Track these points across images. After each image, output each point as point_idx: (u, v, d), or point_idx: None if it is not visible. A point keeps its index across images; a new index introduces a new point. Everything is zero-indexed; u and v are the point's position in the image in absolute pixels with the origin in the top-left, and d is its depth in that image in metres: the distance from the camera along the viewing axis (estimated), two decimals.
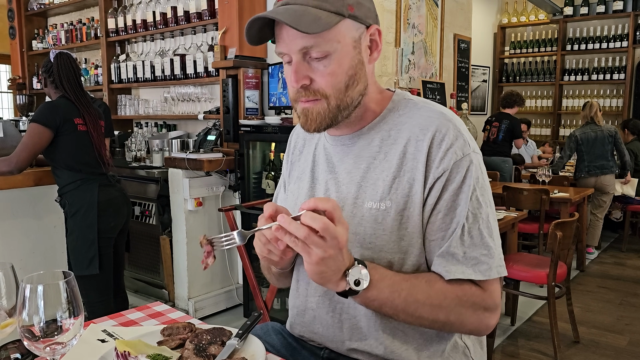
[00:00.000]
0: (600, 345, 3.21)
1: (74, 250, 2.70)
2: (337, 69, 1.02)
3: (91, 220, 2.64)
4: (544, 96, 7.65)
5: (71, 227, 2.71)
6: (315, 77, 1.03)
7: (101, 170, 2.74)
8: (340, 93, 1.04)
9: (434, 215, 1.04)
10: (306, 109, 1.06)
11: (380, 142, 1.10)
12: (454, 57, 5.09)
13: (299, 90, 1.04)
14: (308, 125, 1.07)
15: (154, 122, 4.61)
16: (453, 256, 1.03)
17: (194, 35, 4.19)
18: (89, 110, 2.70)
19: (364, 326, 1.10)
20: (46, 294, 0.82)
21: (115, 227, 2.77)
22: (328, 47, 1.01)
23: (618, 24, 6.97)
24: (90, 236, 2.65)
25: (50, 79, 2.71)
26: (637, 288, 4.27)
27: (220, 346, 1.01)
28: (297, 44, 1.01)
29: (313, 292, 1.16)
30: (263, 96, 3.69)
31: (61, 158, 2.63)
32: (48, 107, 2.60)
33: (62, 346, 0.84)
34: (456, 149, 1.04)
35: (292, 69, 1.03)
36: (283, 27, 1.01)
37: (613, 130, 5.10)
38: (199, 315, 3.46)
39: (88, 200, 2.65)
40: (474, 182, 1.04)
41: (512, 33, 7.94)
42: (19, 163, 2.55)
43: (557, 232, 2.89)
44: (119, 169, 3.92)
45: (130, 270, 3.97)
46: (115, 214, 2.75)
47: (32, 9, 5.71)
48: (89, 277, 2.63)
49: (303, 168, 1.25)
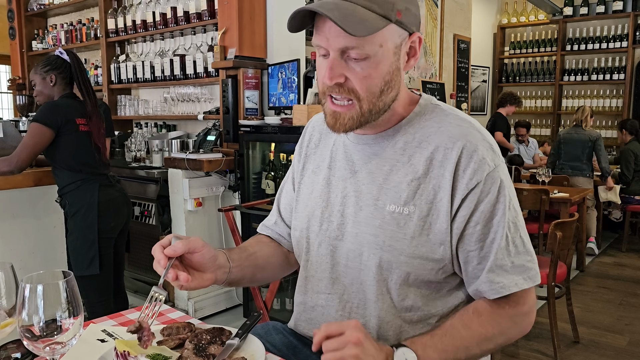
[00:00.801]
0: (600, 346, 3.21)
1: (74, 250, 2.70)
2: (374, 72, 1.00)
3: (91, 221, 2.64)
4: (543, 96, 7.66)
5: (71, 227, 2.71)
6: (351, 77, 1.01)
7: (101, 170, 2.74)
8: (374, 97, 1.02)
9: (471, 227, 1.04)
10: (337, 113, 1.04)
11: (404, 144, 1.09)
12: (454, 57, 5.10)
13: (330, 87, 1.02)
14: (337, 128, 1.05)
15: (153, 122, 4.61)
16: (502, 268, 1.05)
17: (194, 35, 4.20)
18: (96, 110, 2.70)
19: (372, 327, 1.10)
20: (46, 294, 0.82)
21: (115, 227, 2.76)
22: (369, 50, 0.98)
23: (618, 24, 6.97)
24: (90, 236, 2.64)
25: (62, 75, 2.69)
26: (637, 288, 4.27)
27: (219, 346, 1.01)
28: (338, 42, 0.98)
29: (323, 289, 1.16)
30: (263, 96, 3.69)
31: (62, 158, 2.63)
32: (50, 107, 2.60)
33: (62, 346, 0.84)
34: (489, 161, 1.04)
35: (328, 65, 1.00)
36: (327, 21, 0.98)
37: (595, 136, 5.18)
38: (198, 316, 3.46)
39: (88, 200, 2.65)
40: (508, 192, 1.06)
41: (511, 33, 7.94)
42: (20, 163, 2.55)
43: (557, 232, 2.89)
44: (118, 169, 3.92)
45: (130, 270, 3.97)
46: (115, 214, 2.75)
47: (32, 10, 5.71)
48: (89, 277, 2.63)
49: (319, 162, 1.23)
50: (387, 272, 1.07)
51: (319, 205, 1.17)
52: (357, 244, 1.10)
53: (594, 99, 7.20)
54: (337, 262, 1.13)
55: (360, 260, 1.09)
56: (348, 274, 1.12)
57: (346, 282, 1.12)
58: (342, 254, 1.12)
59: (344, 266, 1.12)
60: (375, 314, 1.10)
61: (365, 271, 1.09)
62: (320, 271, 1.16)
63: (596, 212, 5.41)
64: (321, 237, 1.15)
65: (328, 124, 1.07)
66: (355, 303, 1.12)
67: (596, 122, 7.21)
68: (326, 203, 1.16)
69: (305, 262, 1.20)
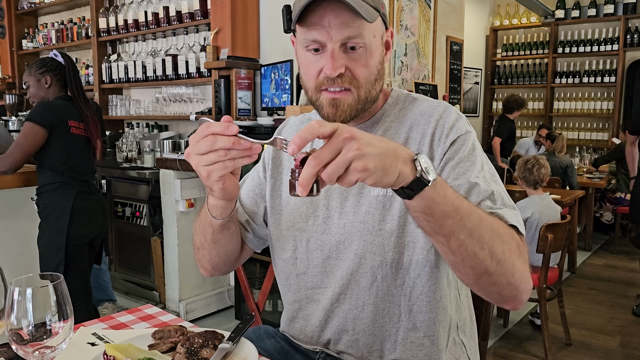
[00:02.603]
0: (591, 347, 3.22)
1: (42, 254, 2.66)
2: (370, 61, 1.05)
3: (62, 226, 2.60)
4: (535, 98, 7.69)
5: (42, 229, 2.67)
6: (352, 66, 1.03)
7: (84, 177, 2.71)
8: (369, 85, 1.06)
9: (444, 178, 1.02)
10: (337, 99, 1.05)
11: (383, 133, 1.13)
12: (447, 59, 5.11)
13: (329, 79, 1.03)
14: (338, 116, 1.06)
15: (145, 122, 4.58)
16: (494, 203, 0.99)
17: (186, 35, 4.18)
18: (89, 113, 2.68)
19: (368, 315, 1.11)
20: (35, 297, 0.80)
21: (87, 235, 2.71)
22: (367, 40, 1.02)
23: (609, 27, 7.02)
24: (58, 241, 2.60)
25: (57, 77, 2.67)
26: (628, 290, 4.29)
27: (212, 350, 1.00)
28: (342, 33, 1.00)
29: (318, 284, 1.16)
30: (255, 97, 3.68)
31: (47, 158, 2.60)
32: (44, 106, 2.58)
33: (52, 350, 0.83)
34: (459, 125, 1.08)
35: (330, 57, 1.01)
36: (325, 14, 0.99)
37: (566, 163, 5.23)
38: (189, 317, 3.44)
39: (63, 205, 2.61)
40: (481, 157, 1.06)
41: (504, 35, 7.97)
42: (14, 163, 2.53)
43: (548, 235, 2.89)
44: (109, 169, 3.89)
45: (121, 271, 3.94)
46: (88, 222, 2.70)
47: (23, 8, 5.67)
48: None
49: None
50: (379, 257, 1.07)
51: (302, 202, 1.17)
52: (346, 234, 1.10)
53: (585, 102, 7.24)
54: (328, 255, 1.13)
55: (351, 250, 1.10)
56: (340, 265, 1.12)
57: (339, 273, 1.12)
58: (332, 246, 1.12)
59: (335, 258, 1.13)
60: (371, 301, 1.10)
61: (357, 260, 1.09)
62: (312, 267, 1.16)
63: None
64: (309, 233, 1.15)
65: (326, 116, 1.06)
66: (349, 293, 1.12)
67: (587, 124, 7.26)
68: (310, 199, 1.16)
69: (294, 259, 1.18)
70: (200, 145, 0.85)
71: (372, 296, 1.10)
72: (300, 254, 1.17)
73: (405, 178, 0.79)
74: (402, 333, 1.11)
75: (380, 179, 0.76)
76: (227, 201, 1.02)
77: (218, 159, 0.85)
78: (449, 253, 0.89)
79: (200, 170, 0.88)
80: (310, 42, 1.03)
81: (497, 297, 0.97)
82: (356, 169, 0.74)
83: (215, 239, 1.12)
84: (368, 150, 0.74)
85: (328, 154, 0.74)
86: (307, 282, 1.17)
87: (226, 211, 1.05)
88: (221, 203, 1.02)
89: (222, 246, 1.15)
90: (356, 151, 0.74)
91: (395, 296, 1.09)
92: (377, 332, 1.11)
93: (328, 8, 0.98)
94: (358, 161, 0.74)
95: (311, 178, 0.75)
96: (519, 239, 0.96)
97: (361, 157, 0.74)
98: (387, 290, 1.09)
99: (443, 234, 0.86)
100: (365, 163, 0.74)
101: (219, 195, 0.97)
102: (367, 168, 0.74)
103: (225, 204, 1.03)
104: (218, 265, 1.21)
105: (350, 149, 0.74)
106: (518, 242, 0.95)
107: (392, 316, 1.10)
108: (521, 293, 0.96)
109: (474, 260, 0.88)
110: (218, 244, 1.14)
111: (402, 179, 0.79)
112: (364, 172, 0.74)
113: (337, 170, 0.74)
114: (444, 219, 0.84)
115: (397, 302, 1.09)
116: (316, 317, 1.17)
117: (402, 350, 1.11)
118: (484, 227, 0.88)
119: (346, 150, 0.74)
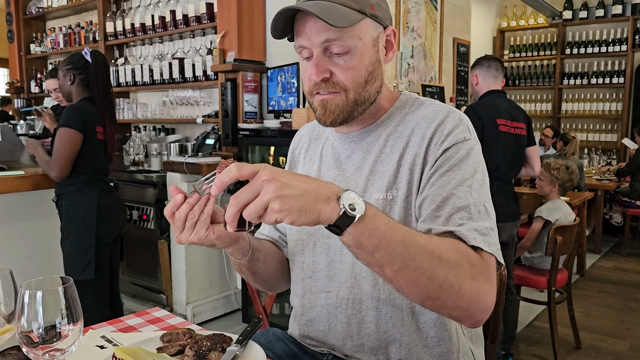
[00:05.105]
0: (601, 351, 3.19)
1: (69, 254, 2.67)
2: (357, 64, 1.05)
3: (90, 225, 2.62)
4: (543, 100, 7.66)
5: (68, 230, 2.68)
6: (336, 71, 1.05)
7: (103, 176, 2.73)
8: (359, 87, 1.07)
9: (427, 188, 1.03)
10: (325, 100, 1.07)
11: (387, 136, 1.13)
12: (453, 60, 5.10)
13: (317, 84, 1.06)
14: (326, 117, 1.08)
15: (152, 125, 4.59)
16: (460, 226, 0.98)
17: (193, 38, 4.19)
18: (110, 117, 2.70)
19: (371, 320, 1.11)
20: (45, 300, 0.81)
21: (112, 232, 2.74)
22: (350, 43, 1.03)
23: (617, 28, 6.98)
24: (87, 240, 2.62)
25: (82, 76, 2.67)
26: (638, 293, 4.26)
27: (220, 353, 0.99)
28: (320, 36, 1.03)
29: (322, 288, 1.17)
30: (262, 100, 3.68)
31: (76, 161, 2.61)
32: (74, 110, 2.59)
33: (61, 352, 0.83)
34: (457, 132, 1.06)
35: (313, 63, 1.05)
36: (307, 21, 1.04)
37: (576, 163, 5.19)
38: (197, 320, 3.44)
39: (88, 204, 2.63)
40: (474, 165, 1.04)
41: (511, 37, 7.95)
42: (61, 171, 2.55)
43: (557, 237, 2.88)
44: (117, 172, 3.90)
45: (128, 275, 3.95)
46: (113, 219, 2.73)
47: (31, 13, 5.71)
48: (84, 282, 2.60)
49: (309, 166, 1.26)
50: None
51: None
52: None
53: (593, 103, 7.20)
54: (332, 259, 1.15)
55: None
56: (343, 269, 1.13)
57: (342, 278, 1.13)
58: (336, 250, 1.14)
59: (339, 262, 1.14)
60: (373, 306, 1.10)
61: (358, 264, 1.09)
62: (317, 271, 1.17)
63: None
64: (315, 237, 1.17)
65: (318, 118, 1.11)
66: (352, 298, 1.12)
67: (595, 125, 7.22)
68: None
69: (301, 264, 1.20)
70: (176, 227, 0.94)
71: (374, 300, 1.10)
72: (307, 257, 1.19)
73: (329, 216, 0.81)
74: (407, 337, 1.10)
75: (297, 218, 0.78)
76: (235, 244, 1.06)
77: (192, 223, 0.93)
78: (387, 281, 0.91)
79: (194, 240, 0.95)
80: (298, 48, 1.08)
81: (450, 317, 1.00)
82: (273, 210, 0.77)
83: (252, 271, 1.17)
84: (285, 192, 0.77)
85: (247, 194, 0.78)
86: (312, 286, 1.18)
87: (242, 250, 1.10)
88: (231, 249, 1.08)
89: (264, 273, 1.20)
90: (272, 193, 0.77)
91: (397, 300, 1.09)
92: (381, 337, 1.11)
93: (310, 15, 1.01)
94: (274, 202, 0.77)
95: (234, 216, 0.79)
96: (476, 259, 0.94)
97: (277, 199, 0.77)
98: (389, 294, 1.09)
99: (377, 265, 0.87)
100: (281, 205, 0.77)
101: (222, 245, 1.01)
102: (282, 209, 0.77)
103: (236, 247, 1.08)
104: (274, 286, 1.29)
105: (267, 190, 0.77)
106: (473, 263, 0.93)
107: (396, 320, 1.10)
108: (474, 314, 0.95)
109: (414, 287, 0.90)
110: (257, 274, 1.19)
111: (325, 218, 0.81)
112: (280, 212, 0.77)
113: (255, 211, 0.77)
114: (374, 252, 0.85)
115: (400, 305, 1.09)
116: (321, 322, 1.18)
117: (407, 354, 1.10)
118: (422, 254, 0.87)
119: (264, 192, 0.77)
